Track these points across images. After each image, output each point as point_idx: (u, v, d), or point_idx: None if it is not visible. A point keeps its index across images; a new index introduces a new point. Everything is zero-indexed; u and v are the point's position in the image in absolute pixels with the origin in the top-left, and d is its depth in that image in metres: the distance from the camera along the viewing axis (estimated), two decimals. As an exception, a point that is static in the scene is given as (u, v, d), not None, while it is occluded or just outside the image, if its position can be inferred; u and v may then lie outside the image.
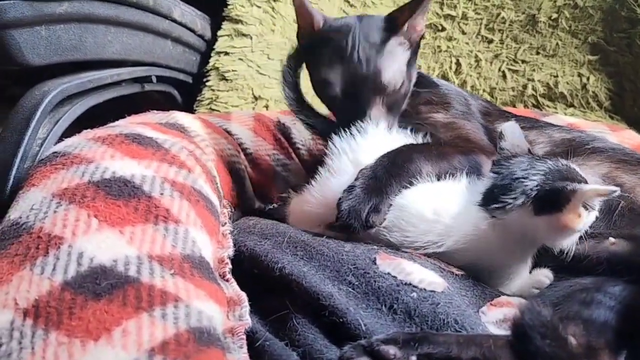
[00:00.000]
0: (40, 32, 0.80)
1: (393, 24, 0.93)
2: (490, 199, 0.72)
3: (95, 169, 0.67)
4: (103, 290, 0.50)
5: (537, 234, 0.72)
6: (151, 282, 0.54)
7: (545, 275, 0.75)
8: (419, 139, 0.91)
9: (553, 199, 0.68)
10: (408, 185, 0.78)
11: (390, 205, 0.76)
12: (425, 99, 1.01)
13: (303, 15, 0.97)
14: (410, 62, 0.96)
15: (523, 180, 0.71)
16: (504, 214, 0.71)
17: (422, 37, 0.99)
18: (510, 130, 0.80)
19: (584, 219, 0.69)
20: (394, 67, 0.91)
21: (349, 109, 0.91)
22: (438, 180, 0.81)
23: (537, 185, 0.69)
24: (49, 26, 0.82)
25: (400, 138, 0.89)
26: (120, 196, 0.64)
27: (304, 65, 1.02)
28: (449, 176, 0.81)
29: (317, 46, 0.95)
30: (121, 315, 0.48)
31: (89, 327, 0.47)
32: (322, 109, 1.03)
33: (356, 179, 0.77)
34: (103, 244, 0.56)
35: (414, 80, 0.98)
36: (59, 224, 0.57)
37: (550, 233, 0.71)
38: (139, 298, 0.51)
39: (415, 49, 0.98)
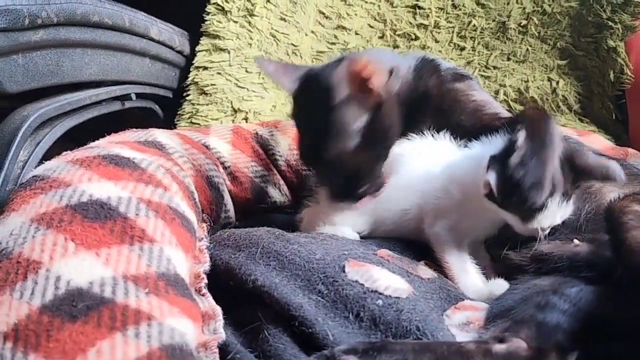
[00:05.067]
0: (17, 60, 0.83)
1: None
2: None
3: (73, 193, 0.70)
4: (79, 312, 0.53)
5: None
6: (125, 302, 0.57)
7: (500, 285, 0.81)
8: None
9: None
10: None
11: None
12: (451, 75, 0.99)
13: None
14: (373, 124, 0.86)
15: None
16: None
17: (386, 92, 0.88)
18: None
19: None
20: (337, 142, 0.85)
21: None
22: None
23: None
24: (25, 54, 0.85)
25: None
26: (96, 219, 0.66)
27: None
28: None
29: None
30: (95, 335, 0.51)
31: (65, 348, 0.50)
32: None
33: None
34: (80, 267, 0.59)
35: (385, 142, 0.91)
36: (37, 249, 0.60)
37: None
38: (113, 318, 0.54)
39: (375, 108, 0.87)
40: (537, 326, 0.64)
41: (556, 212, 0.78)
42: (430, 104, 0.96)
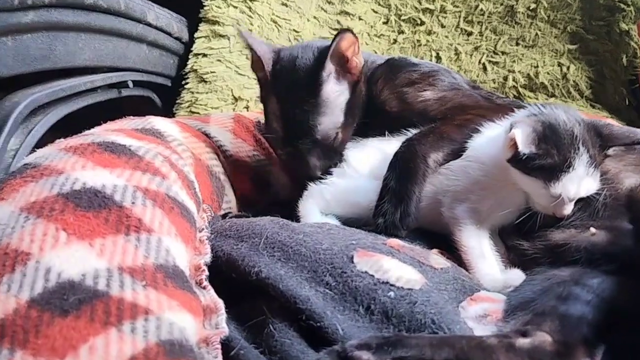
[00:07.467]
0: (6, 42, 0.79)
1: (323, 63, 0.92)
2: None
3: (65, 181, 0.66)
4: (70, 306, 0.50)
5: None
6: (121, 295, 0.53)
7: (516, 275, 0.77)
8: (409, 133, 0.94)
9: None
10: (422, 180, 0.87)
11: (417, 203, 0.86)
12: (406, 79, 1.01)
13: (253, 57, 0.99)
14: (352, 102, 0.96)
15: None
16: None
17: (361, 72, 0.98)
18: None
19: None
20: (327, 119, 0.93)
21: (291, 158, 0.98)
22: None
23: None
24: (15, 36, 0.81)
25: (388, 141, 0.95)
26: (90, 207, 0.62)
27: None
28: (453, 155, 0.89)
29: (265, 90, 1.00)
30: (88, 331, 0.48)
31: (55, 345, 0.46)
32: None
33: (380, 197, 0.87)
34: (72, 258, 0.55)
35: (356, 119, 0.99)
36: (26, 239, 0.56)
37: None
38: (107, 312, 0.50)
39: (354, 86, 0.97)
40: (560, 318, 0.60)
41: (582, 178, 0.74)
42: (379, 106, 1.01)
